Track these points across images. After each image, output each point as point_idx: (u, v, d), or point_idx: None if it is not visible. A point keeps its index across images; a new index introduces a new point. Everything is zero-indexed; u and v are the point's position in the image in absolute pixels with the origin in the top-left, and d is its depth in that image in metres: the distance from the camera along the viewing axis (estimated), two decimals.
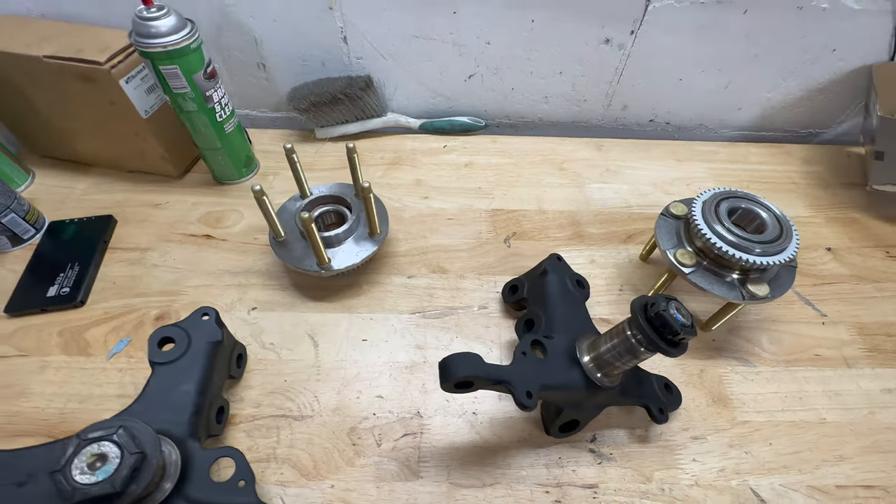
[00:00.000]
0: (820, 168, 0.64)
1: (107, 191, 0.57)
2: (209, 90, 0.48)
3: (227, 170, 0.56)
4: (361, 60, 0.60)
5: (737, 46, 0.58)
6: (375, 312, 0.46)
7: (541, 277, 0.43)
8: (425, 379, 0.42)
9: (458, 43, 0.58)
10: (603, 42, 0.58)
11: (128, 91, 0.48)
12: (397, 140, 0.65)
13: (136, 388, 0.40)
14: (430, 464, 0.37)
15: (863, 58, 0.59)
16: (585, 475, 0.37)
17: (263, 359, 0.43)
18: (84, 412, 0.39)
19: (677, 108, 0.67)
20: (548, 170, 0.62)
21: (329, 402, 0.40)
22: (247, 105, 0.66)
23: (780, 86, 0.63)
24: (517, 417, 0.40)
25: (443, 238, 0.53)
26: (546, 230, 0.55)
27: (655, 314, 0.29)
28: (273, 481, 0.36)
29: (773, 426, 0.40)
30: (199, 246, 0.51)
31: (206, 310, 0.38)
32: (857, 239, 0.56)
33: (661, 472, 0.37)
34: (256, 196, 0.41)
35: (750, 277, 0.40)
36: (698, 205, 0.41)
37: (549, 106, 0.66)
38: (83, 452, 0.23)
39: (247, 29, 0.57)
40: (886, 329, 0.47)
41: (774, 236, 0.39)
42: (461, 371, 0.30)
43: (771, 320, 0.47)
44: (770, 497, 0.36)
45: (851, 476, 0.38)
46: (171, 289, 0.47)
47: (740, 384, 0.43)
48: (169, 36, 0.43)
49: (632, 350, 0.31)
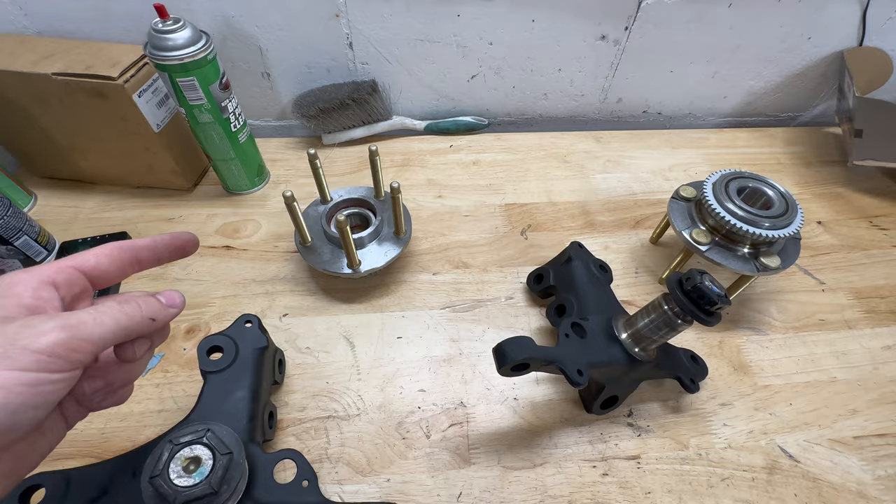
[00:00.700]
0: (802, 148, 0.69)
1: (116, 208, 0.56)
2: (224, 101, 0.48)
3: (240, 180, 0.56)
4: (367, 66, 0.61)
5: (722, 38, 0.62)
6: (407, 310, 0.47)
7: (566, 264, 0.45)
8: (463, 370, 0.43)
9: (461, 45, 0.60)
10: (599, 38, 0.61)
11: (140, 105, 0.47)
12: (404, 142, 0.66)
13: (175, 402, 0.40)
14: (480, 450, 0.38)
15: (835, 44, 0.64)
16: (627, 447, 0.39)
17: (302, 363, 0.43)
18: (126, 430, 0.39)
19: (668, 98, 0.70)
20: (553, 163, 0.64)
21: (373, 399, 0.41)
22: (250, 115, 0.66)
23: (761, 73, 0.67)
24: (557, 399, 0.42)
25: (461, 234, 0.55)
26: (559, 221, 0.57)
27: (692, 287, 0.31)
28: (329, 480, 0.36)
29: (791, 388, 0.43)
30: (219, 257, 0.51)
31: (248, 317, 0.38)
32: (843, 212, 0.60)
33: (696, 438, 0.40)
34: (287, 202, 0.41)
35: (760, 251, 0.43)
36: (709, 186, 0.44)
37: (549, 102, 0.69)
38: (178, 456, 0.24)
39: (252, 39, 0.57)
40: (879, 292, 0.51)
41: (781, 211, 0.42)
42: (518, 354, 0.31)
43: (776, 291, 0.51)
44: (797, 452, 0.39)
45: (865, 427, 0.41)
46: (198, 301, 0.47)
47: (757, 352, 0.45)
48: (186, 48, 0.43)
49: (669, 323, 0.33)
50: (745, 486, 0.37)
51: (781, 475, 0.38)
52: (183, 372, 0.42)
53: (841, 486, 0.37)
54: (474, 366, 0.43)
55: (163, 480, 0.23)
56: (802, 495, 0.37)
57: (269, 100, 0.64)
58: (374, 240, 0.47)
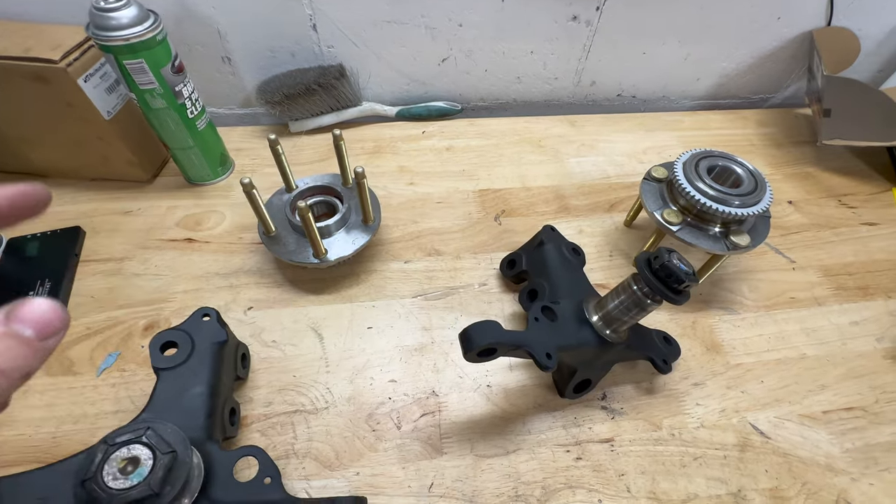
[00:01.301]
0: (773, 130, 0.69)
1: (69, 202, 0.53)
2: (178, 85, 0.46)
3: (201, 170, 0.54)
4: (332, 49, 0.59)
5: (693, 19, 0.62)
6: (377, 300, 0.46)
7: (538, 248, 0.44)
8: (436, 359, 0.42)
9: (430, 26, 0.58)
10: (571, 19, 0.59)
11: (87, 90, 0.45)
12: (375, 129, 0.64)
13: (132, 402, 0.38)
14: (453, 439, 0.38)
15: (804, 24, 0.64)
16: (601, 431, 0.39)
17: (268, 357, 0.42)
18: (79, 433, 0.37)
19: (642, 81, 0.69)
20: (527, 148, 0.63)
21: (342, 392, 0.40)
22: (212, 103, 0.63)
23: (732, 55, 0.67)
24: (530, 385, 0.41)
25: (434, 221, 0.53)
26: (533, 206, 0.56)
27: (660, 266, 0.31)
28: (296, 476, 0.35)
29: (763, 365, 0.43)
30: (181, 251, 0.49)
31: (206, 310, 0.36)
32: (813, 191, 0.60)
33: (669, 419, 0.40)
34: (246, 189, 0.40)
35: (731, 229, 0.43)
36: (679, 165, 0.44)
37: (522, 86, 0.67)
38: (113, 458, 0.22)
39: (209, 20, 0.54)
40: (847, 269, 0.51)
41: (750, 189, 0.42)
42: (483, 339, 0.30)
43: (748, 271, 0.51)
44: (767, 429, 0.39)
45: (834, 401, 0.41)
46: (157, 297, 0.45)
47: (729, 331, 0.45)
48: (131, 28, 0.40)
49: (639, 303, 0.33)
50: (718, 465, 0.37)
51: (753, 452, 0.38)
52: (141, 370, 0.40)
53: (810, 460, 0.38)
54: (447, 354, 0.42)
55: (95, 484, 0.21)
56: (773, 471, 0.37)
57: (231, 86, 0.61)
58: (341, 228, 0.46)
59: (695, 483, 0.36)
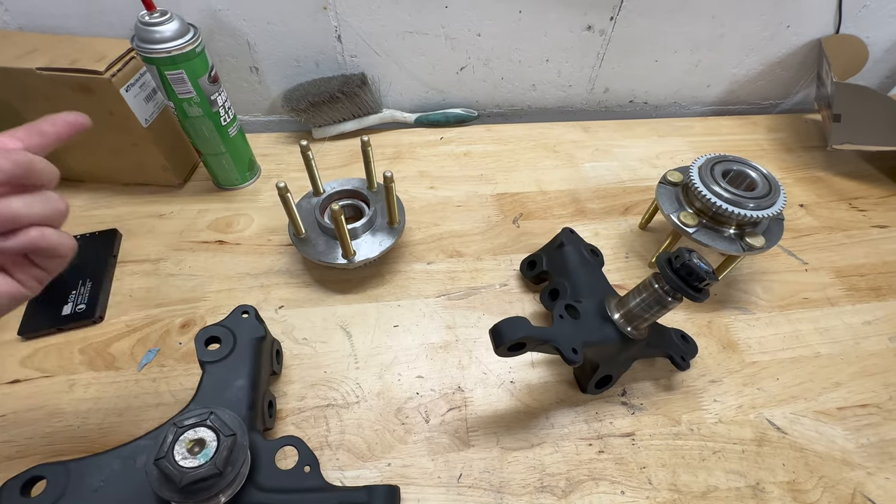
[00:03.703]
0: (783, 135, 0.70)
1: (105, 206, 0.55)
2: (213, 94, 0.48)
3: (230, 174, 0.56)
4: (356, 59, 0.61)
5: (705, 27, 0.63)
6: (402, 299, 0.48)
7: (559, 250, 0.46)
8: (460, 356, 0.44)
9: (450, 36, 0.60)
10: (586, 29, 0.61)
11: (128, 100, 0.47)
12: (395, 135, 0.66)
13: (173, 396, 0.40)
14: (479, 433, 0.39)
15: (813, 32, 0.66)
16: (622, 425, 0.40)
17: (299, 354, 0.43)
18: (124, 424, 0.38)
19: (654, 88, 0.71)
20: (542, 153, 0.65)
21: (372, 387, 0.41)
22: (240, 110, 0.65)
23: (743, 62, 0.69)
24: (552, 381, 0.42)
25: (454, 224, 0.55)
26: (550, 209, 0.58)
27: (681, 265, 0.32)
28: (330, 467, 0.37)
29: (778, 363, 0.44)
30: (213, 252, 0.51)
31: (244, 307, 0.38)
32: (824, 195, 0.62)
33: (688, 414, 0.41)
34: (281, 193, 0.41)
35: (746, 231, 0.44)
36: (695, 169, 0.45)
37: (537, 93, 0.69)
38: (182, 438, 0.24)
39: (239, 33, 0.56)
40: (858, 270, 0.53)
41: (764, 192, 0.44)
42: (514, 334, 0.32)
43: (762, 272, 0.52)
44: (784, 424, 0.40)
45: (848, 398, 0.42)
46: (192, 296, 0.47)
47: (744, 330, 0.47)
48: (174, 41, 0.43)
49: (660, 301, 0.34)
50: (736, 458, 0.38)
51: (770, 446, 0.39)
52: (179, 366, 0.42)
53: (826, 454, 0.39)
54: (471, 351, 0.44)
55: (168, 462, 0.23)
56: (790, 465, 0.38)
57: (258, 94, 0.64)
58: (367, 230, 0.47)
59: (714, 476, 0.37)
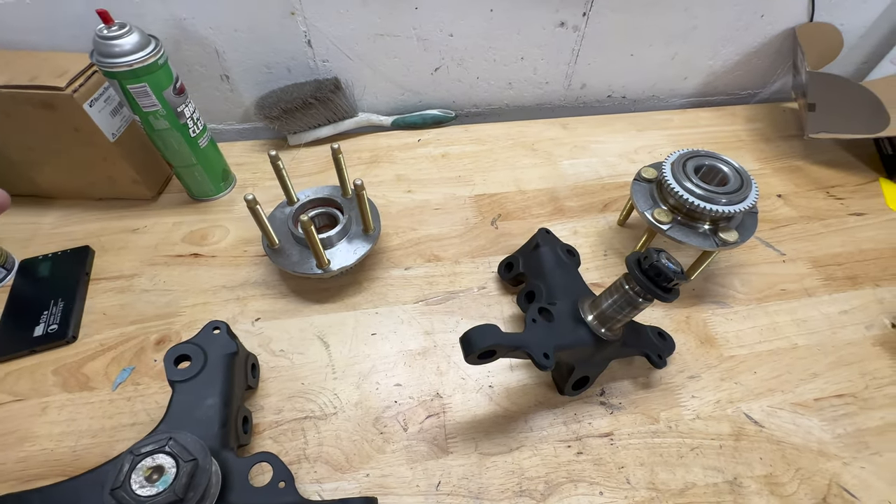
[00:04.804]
0: (761, 125, 0.71)
1: (77, 222, 0.54)
2: (180, 106, 0.47)
3: (204, 186, 0.55)
4: (327, 63, 0.60)
5: (679, 20, 0.63)
6: (380, 306, 0.47)
7: (534, 251, 0.45)
8: (438, 362, 0.44)
9: (422, 38, 0.59)
10: (558, 25, 0.61)
11: (92, 115, 0.46)
12: (371, 139, 0.66)
13: (148, 415, 0.40)
14: (458, 439, 0.39)
15: (787, 21, 0.66)
16: (600, 426, 0.40)
17: (276, 366, 0.43)
18: (99, 446, 0.38)
19: (631, 82, 0.71)
20: (521, 152, 0.65)
21: (350, 397, 0.41)
22: (212, 119, 0.64)
23: (719, 53, 0.69)
24: (531, 384, 0.42)
25: (432, 228, 0.55)
26: (529, 209, 0.57)
27: (650, 266, 0.32)
28: (308, 480, 0.37)
29: (755, 357, 0.45)
30: (188, 266, 0.50)
31: (216, 323, 0.38)
32: (801, 184, 0.62)
33: (666, 411, 0.41)
34: (250, 205, 0.41)
35: (720, 226, 0.44)
36: (667, 166, 0.45)
37: (514, 91, 0.69)
38: (139, 467, 0.24)
39: (207, 41, 0.56)
40: (836, 259, 0.53)
41: (737, 187, 0.44)
42: (483, 342, 0.32)
43: (739, 265, 0.52)
44: (761, 418, 0.41)
45: (825, 389, 0.43)
46: (167, 311, 0.46)
47: (722, 324, 0.47)
48: (134, 54, 0.42)
49: (631, 302, 0.34)
50: (714, 454, 0.39)
51: (747, 441, 0.39)
52: (154, 384, 0.42)
53: (803, 446, 0.39)
54: (449, 357, 0.44)
55: (124, 492, 0.23)
56: (767, 458, 0.38)
57: (230, 103, 0.63)
58: (342, 238, 0.47)
59: (692, 472, 0.38)
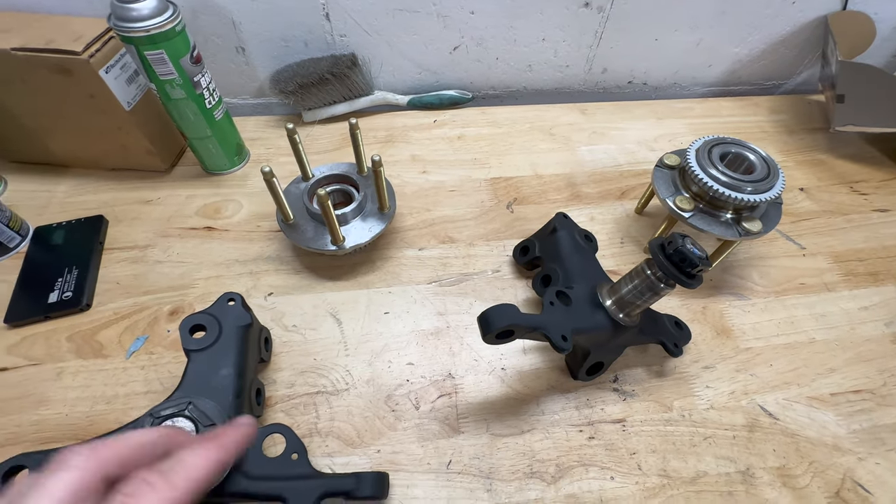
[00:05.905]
0: (785, 116, 0.69)
1: (91, 191, 0.54)
2: (196, 75, 0.46)
3: (218, 159, 0.55)
4: (345, 38, 0.59)
5: (707, 4, 0.61)
6: (393, 286, 0.47)
7: (552, 235, 0.45)
8: (451, 342, 0.43)
9: (442, 14, 0.58)
10: (583, 6, 0.59)
11: (108, 82, 0.46)
12: (387, 118, 0.65)
13: (161, 384, 0.40)
14: (469, 419, 0.39)
15: (819, 9, 0.64)
16: (613, 412, 0.40)
17: (289, 341, 0.43)
18: (113, 412, 0.38)
19: (653, 68, 0.69)
20: (538, 136, 0.64)
21: (362, 374, 0.41)
22: (227, 93, 0.63)
23: (745, 40, 0.67)
24: (543, 368, 0.42)
25: (447, 209, 0.54)
26: (545, 193, 0.57)
27: (674, 251, 0.32)
28: (320, 454, 0.37)
29: (772, 349, 0.44)
30: (201, 238, 0.50)
31: (230, 295, 0.37)
32: (825, 178, 0.60)
33: (680, 400, 0.41)
34: (266, 178, 0.40)
35: (743, 216, 0.43)
36: (692, 152, 0.44)
37: (533, 74, 0.67)
38: None
39: (224, 11, 0.54)
40: (857, 255, 0.52)
41: (763, 176, 0.42)
42: (501, 322, 0.31)
43: (759, 257, 0.51)
44: (776, 410, 0.40)
45: (842, 384, 0.42)
46: (181, 283, 0.46)
47: (739, 316, 0.46)
48: (152, 19, 0.41)
49: (652, 287, 0.33)
50: (727, 444, 0.38)
51: (761, 432, 0.39)
52: (168, 353, 0.42)
53: (817, 440, 0.39)
54: (462, 338, 0.44)
55: None
56: (781, 450, 0.38)
57: (245, 76, 0.62)
58: (357, 216, 0.47)
59: (704, 461, 0.37)
